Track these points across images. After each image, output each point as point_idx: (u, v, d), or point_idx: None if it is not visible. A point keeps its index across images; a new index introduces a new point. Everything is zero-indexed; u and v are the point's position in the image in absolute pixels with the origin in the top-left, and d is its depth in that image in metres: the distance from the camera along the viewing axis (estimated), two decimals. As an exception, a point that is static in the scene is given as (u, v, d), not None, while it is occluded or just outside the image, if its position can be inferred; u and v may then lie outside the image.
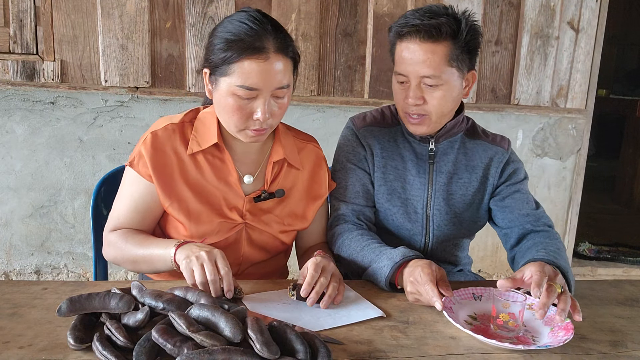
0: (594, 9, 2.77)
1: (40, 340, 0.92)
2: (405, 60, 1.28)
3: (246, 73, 1.13)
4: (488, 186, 1.42)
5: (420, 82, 1.28)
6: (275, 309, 1.09)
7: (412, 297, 1.13)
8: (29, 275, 2.75)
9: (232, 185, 1.27)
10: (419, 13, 1.26)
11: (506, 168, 1.42)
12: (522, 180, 1.43)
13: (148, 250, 1.19)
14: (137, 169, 1.24)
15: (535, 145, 2.91)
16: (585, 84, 2.85)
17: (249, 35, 1.13)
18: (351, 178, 1.41)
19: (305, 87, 2.66)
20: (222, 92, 1.17)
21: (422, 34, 1.25)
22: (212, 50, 1.17)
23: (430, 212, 1.41)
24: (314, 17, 2.60)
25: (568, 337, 0.97)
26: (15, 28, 2.46)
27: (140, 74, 2.56)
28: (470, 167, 1.41)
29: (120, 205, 1.27)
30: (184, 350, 0.82)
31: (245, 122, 1.18)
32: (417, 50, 1.26)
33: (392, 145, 1.42)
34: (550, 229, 1.37)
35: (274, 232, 1.32)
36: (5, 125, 2.58)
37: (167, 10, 2.54)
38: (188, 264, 1.08)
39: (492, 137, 1.45)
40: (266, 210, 1.31)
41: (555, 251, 1.22)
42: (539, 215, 1.39)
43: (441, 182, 1.40)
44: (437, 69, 1.25)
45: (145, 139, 1.24)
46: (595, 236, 3.59)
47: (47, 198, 2.67)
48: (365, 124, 1.44)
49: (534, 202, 1.43)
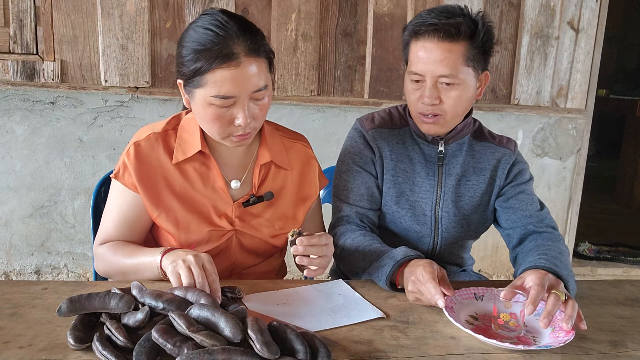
0: (594, 9, 2.77)
1: (40, 340, 0.92)
2: (421, 60, 1.27)
3: (219, 82, 1.09)
4: (495, 187, 1.42)
5: (437, 82, 1.27)
6: (274, 309, 1.08)
7: (413, 297, 1.13)
8: (29, 275, 2.75)
9: (220, 191, 1.25)
10: (435, 12, 1.26)
11: (512, 169, 1.42)
12: (527, 182, 1.42)
13: (136, 259, 1.17)
14: (122, 180, 1.22)
15: (535, 145, 2.91)
16: (585, 84, 2.85)
17: (215, 43, 1.09)
18: (356, 180, 1.40)
19: (305, 87, 2.66)
20: (198, 103, 1.14)
21: (440, 33, 1.24)
22: (182, 62, 1.13)
23: (439, 214, 1.40)
24: (314, 17, 2.60)
25: (569, 337, 0.97)
26: (15, 28, 2.47)
27: (140, 74, 2.56)
28: (479, 169, 1.41)
29: (109, 218, 1.25)
30: (184, 350, 0.82)
31: (227, 129, 1.15)
32: (435, 49, 1.25)
33: (400, 147, 1.41)
34: (553, 231, 1.36)
35: (264, 237, 1.30)
36: (5, 125, 2.58)
37: (167, 10, 2.54)
38: (174, 268, 1.04)
39: (498, 139, 1.45)
40: (256, 214, 1.28)
41: (557, 256, 1.20)
42: (542, 217, 1.38)
43: (450, 184, 1.39)
44: (454, 68, 1.25)
45: (128, 150, 1.22)
46: (595, 236, 3.59)
47: (47, 198, 2.67)
48: (374, 125, 1.42)
49: (539, 203, 1.42)
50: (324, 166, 1.47)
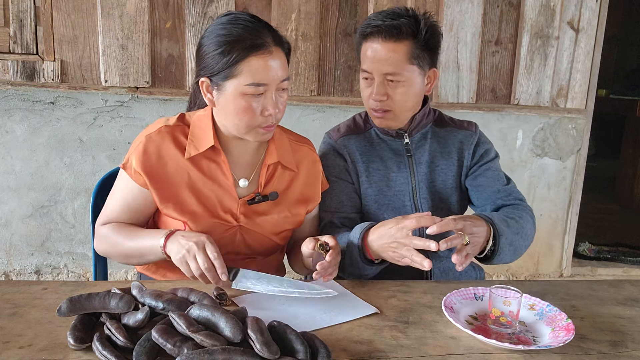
0: (594, 9, 2.77)
1: (40, 340, 0.92)
2: (369, 59, 1.35)
3: (254, 70, 1.15)
4: (463, 168, 1.48)
5: (384, 79, 1.35)
6: (271, 308, 1.09)
7: (398, 260, 1.20)
8: (29, 275, 2.75)
9: (227, 188, 1.28)
10: (382, 15, 1.34)
11: (477, 149, 1.48)
12: (493, 159, 1.49)
13: (138, 242, 1.22)
14: (130, 172, 1.24)
15: (535, 145, 2.91)
16: (585, 84, 2.85)
17: (249, 33, 1.15)
18: (335, 190, 1.45)
19: (305, 87, 2.66)
20: (229, 96, 1.18)
21: (384, 34, 1.32)
22: (209, 57, 1.18)
23: (417, 202, 1.45)
24: (314, 17, 2.60)
25: (569, 337, 0.97)
26: (15, 28, 2.47)
27: (140, 74, 2.56)
28: (446, 153, 1.47)
29: (113, 202, 1.29)
30: (184, 350, 0.82)
31: (256, 120, 1.19)
32: (380, 49, 1.33)
33: (369, 148, 1.47)
34: (520, 202, 1.43)
35: (267, 234, 1.33)
36: (5, 125, 2.58)
37: (167, 10, 2.54)
38: (182, 259, 1.12)
39: (459, 123, 1.51)
40: (260, 212, 1.31)
41: (505, 218, 1.28)
42: (510, 190, 1.45)
43: (422, 172, 1.45)
44: (398, 66, 1.33)
45: (139, 142, 1.25)
46: (595, 236, 3.59)
47: (47, 198, 2.67)
48: (340, 134, 1.49)
49: (505, 178, 1.49)
50: (323, 166, 1.48)
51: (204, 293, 1.01)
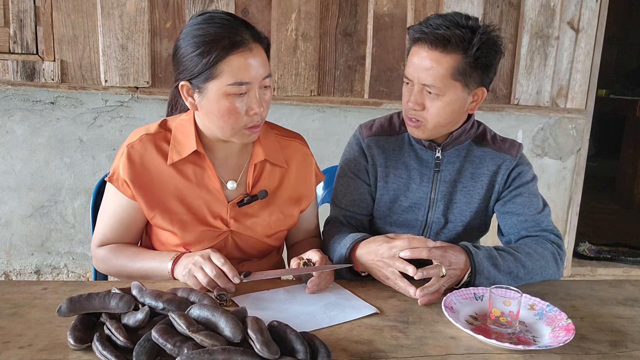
0: (594, 9, 2.77)
1: (40, 340, 0.92)
2: (412, 64, 1.28)
3: (235, 69, 1.12)
4: (494, 193, 1.40)
5: (423, 89, 1.27)
6: (271, 308, 1.09)
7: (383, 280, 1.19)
8: (29, 275, 2.75)
9: (215, 192, 1.25)
10: (437, 20, 1.24)
11: (511, 174, 1.39)
12: (527, 183, 1.38)
13: (142, 264, 1.22)
14: (116, 184, 1.23)
15: (535, 145, 2.91)
16: (585, 84, 2.85)
17: (227, 31, 1.12)
18: (350, 187, 1.43)
19: (305, 87, 2.66)
20: (212, 98, 1.14)
21: (430, 42, 1.23)
22: (187, 60, 1.14)
23: (430, 220, 1.41)
24: (314, 17, 2.60)
25: (569, 337, 0.97)
26: (15, 28, 2.46)
27: (140, 74, 2.56)
28: (476, 175, 1.39)
29: (104, 221, 1.27)
30: (184, 350, 0.82)
31: (241, 121, 1.17)
32: (425, 57, 1.24)
33: (397, 153, 1.41)
34: (542, 234, 1.34)
35: (259, 237, 1.31)
36: (5, 125, 2.58)
37: (167, 10, 2.54)
38: (189, 273, 1.12)
39: (500, 144, 1.40)
40: (251, 214, 1.29)
41: (500, 254, 1.21)
42: (538, 220, 1.35)
43: (444, 190, 1.39)
44: (437, 79, 1.24)
45: (122, 153, 1.23)
46: (595, 236, 3.59)
47: (47, 198, 2.67)
48: (370, 133, 1.43)
49: (542, 203, 1.38)
50: (323, 166, 1.48)
51: (204, 293, 1.01)
